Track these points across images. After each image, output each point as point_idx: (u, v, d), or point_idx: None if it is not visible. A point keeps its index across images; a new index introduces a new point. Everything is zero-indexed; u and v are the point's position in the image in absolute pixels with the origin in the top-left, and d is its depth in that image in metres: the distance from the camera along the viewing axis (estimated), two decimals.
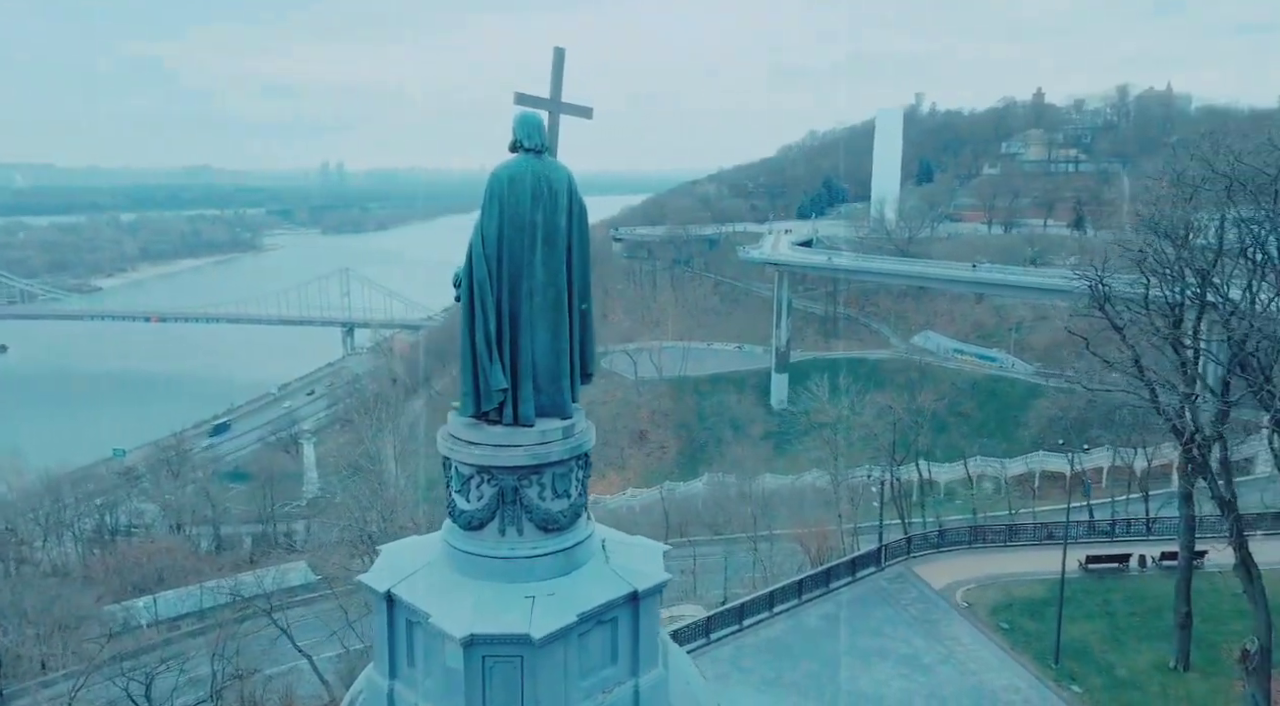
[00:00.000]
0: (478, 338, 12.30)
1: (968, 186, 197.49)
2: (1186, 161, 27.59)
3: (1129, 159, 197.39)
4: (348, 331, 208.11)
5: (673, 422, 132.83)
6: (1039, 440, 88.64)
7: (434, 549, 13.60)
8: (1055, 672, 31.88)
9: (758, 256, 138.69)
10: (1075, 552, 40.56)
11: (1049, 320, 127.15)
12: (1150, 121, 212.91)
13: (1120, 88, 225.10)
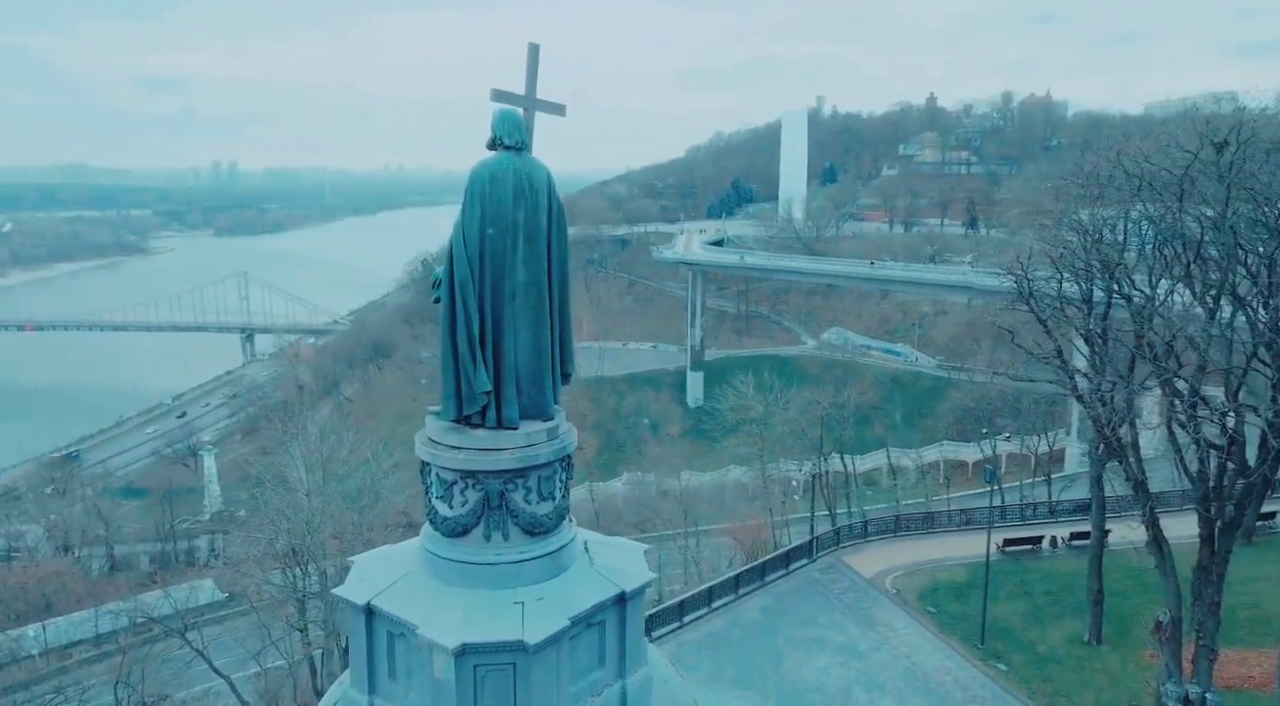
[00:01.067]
0: (459, 339, 11.99)
1: (869, 187, 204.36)
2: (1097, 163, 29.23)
3: (1015, 161, 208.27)
4: (247, 337, 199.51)
5: (591, 423, 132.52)
6: (952, 430, 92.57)
7: (410, 558, 13.21)
8: (982, 652, 33.31)
9: (671, 256, 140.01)
10: (992, 536, 42.56)
11: (949, 315, 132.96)
12: (1033, 126, 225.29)
13: (1005, 94, 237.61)
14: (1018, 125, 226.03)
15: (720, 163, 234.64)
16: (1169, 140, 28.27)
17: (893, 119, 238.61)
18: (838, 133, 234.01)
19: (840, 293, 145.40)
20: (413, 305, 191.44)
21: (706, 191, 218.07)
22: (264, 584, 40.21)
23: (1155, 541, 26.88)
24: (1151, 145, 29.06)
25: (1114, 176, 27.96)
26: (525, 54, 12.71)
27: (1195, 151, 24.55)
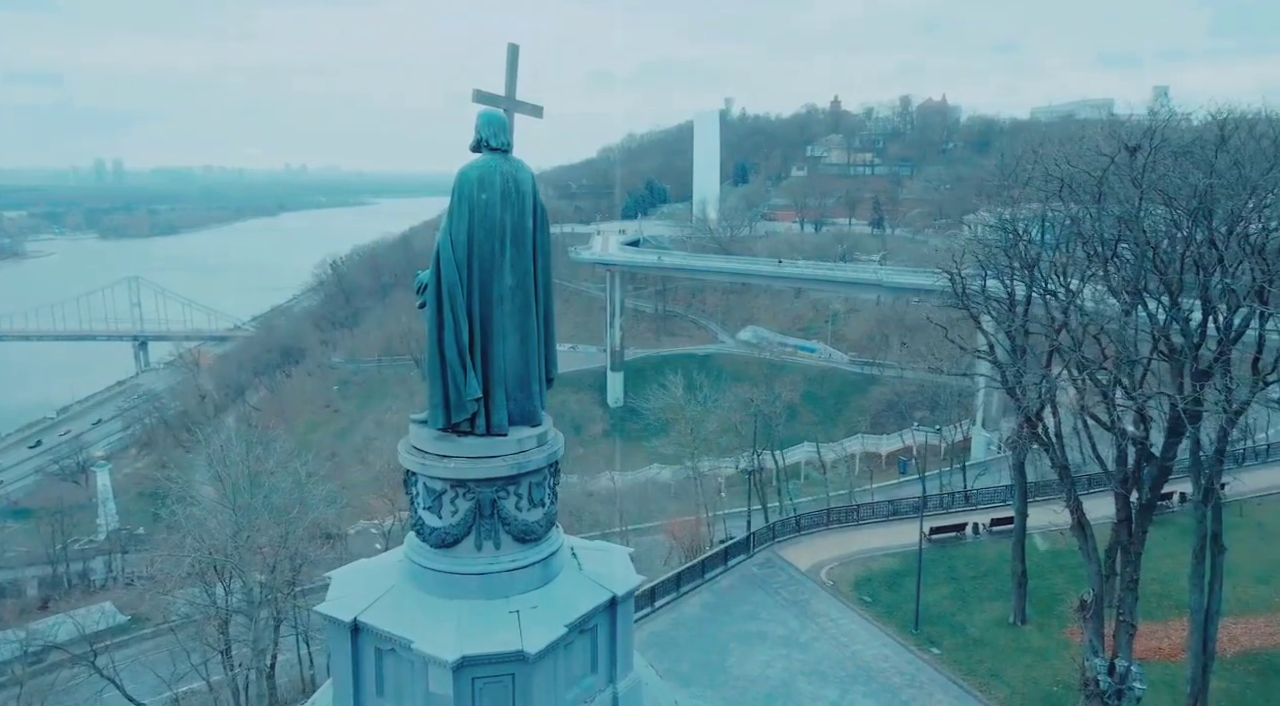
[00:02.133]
0: (448, 345, 11.72)
1: (779, 187, 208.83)
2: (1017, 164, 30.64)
3: (914, 163, 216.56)
4: (140, 345, 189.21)
5: None
6: (868, 423, 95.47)
7: (393, 571, 12.82)
8: (917, 638, 34.50)
9: (589, 257, 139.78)
10: (919, 525, 44.15)
11: (860, 312, 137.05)
12: (930, 129, 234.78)
13: (903, 98, 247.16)
14: (916, 128, 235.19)
15: (633, 163, 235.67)
16: (1089, 144, 29.92)
17: (799, 121, 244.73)
18: (747, 134, 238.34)
19: (755, 291, 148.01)
20: (322, 309, 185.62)
21: (621, 192, 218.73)
22: (181, 603, 38.28)
23: (1079, 524, 28.43)
24: (1072, 148, 30.71)
25: (1032, 177, 29.43)
26: (505, 55, 12.50)
27: (1112, 155, 26.15)
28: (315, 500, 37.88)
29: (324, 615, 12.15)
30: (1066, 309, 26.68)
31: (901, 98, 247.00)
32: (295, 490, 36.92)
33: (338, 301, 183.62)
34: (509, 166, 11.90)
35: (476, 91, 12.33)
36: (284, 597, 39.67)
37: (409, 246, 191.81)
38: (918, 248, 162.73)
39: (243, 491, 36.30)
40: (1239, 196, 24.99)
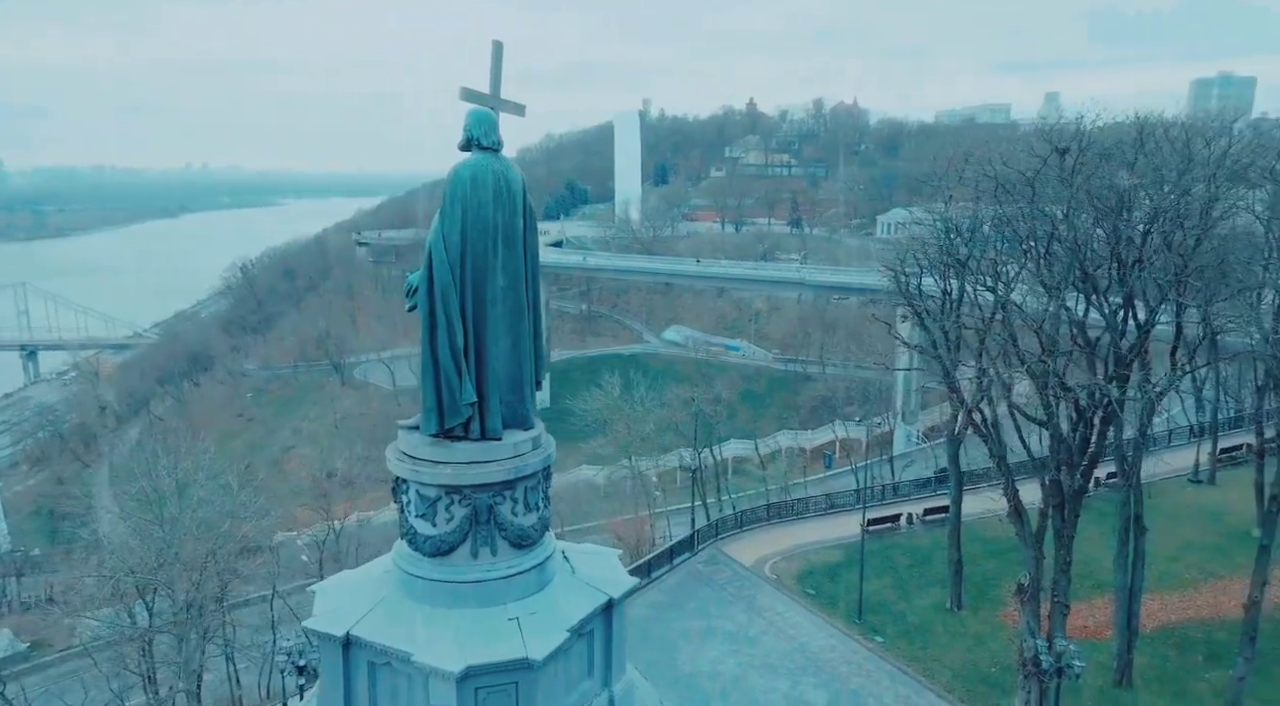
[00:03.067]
0: (441, 349, 11.41)
1: (699, 188, 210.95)
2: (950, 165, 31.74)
3: (829, 164, 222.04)
4: (29, 355, 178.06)
5: None
6: (794, 419, 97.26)
7: (381, 582, 12.42)
8: (861, 627, 35.34)
9: None
10: (856, 517, 45.25)
11: (782, 311, 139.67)
12: (843, 131, 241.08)
13: (816, 101, 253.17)
14: (829, 130, 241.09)
15: (553, 164, 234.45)
16: (1022, 145, 31.23)
17: (717, 122, 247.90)
18: (666, 135, 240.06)
19: (679, 291, 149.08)
20: (232, 314, 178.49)
21: (541, 192, 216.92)
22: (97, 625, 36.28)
23: (1015, 511, 29.64)
24: (1006, 149, 32.04)
25: (967, 177, 30.56)
26: (490, 53, 12.26)
27: (1044, 156, 27.43)
28: (249, 511, 36.38)
29: (313, 631, 11.70)
30: (1004, 304, 27.82)
31: (815, 100, 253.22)
32: (227, 502, 35.39)
33: (249, 306, 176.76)
34: (499, 166, 11.68)
35: (464, 89, 12.04)
36: (212, 614, 38.07)
37: (324, 248, 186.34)
38: (835, 247, 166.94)
39: (169, 504, 34.63)
40: (1156, 195, 26.51)
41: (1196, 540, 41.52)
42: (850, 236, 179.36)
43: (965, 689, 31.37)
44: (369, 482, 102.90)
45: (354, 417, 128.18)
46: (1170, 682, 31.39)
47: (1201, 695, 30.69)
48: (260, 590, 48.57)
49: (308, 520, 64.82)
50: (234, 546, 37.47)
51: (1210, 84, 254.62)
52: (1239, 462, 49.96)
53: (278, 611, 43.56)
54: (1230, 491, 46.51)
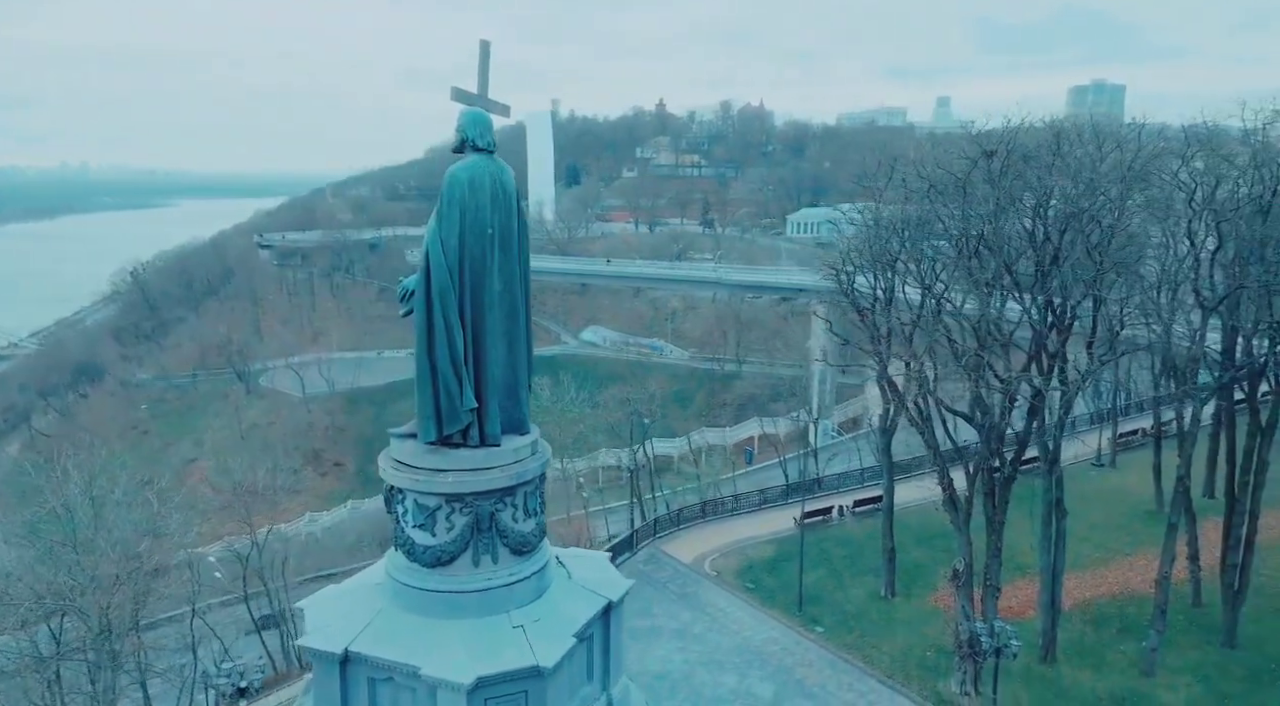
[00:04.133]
0: (439, 355, 11.17)
1: (611, 188, 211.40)
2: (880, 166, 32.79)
3: (738, 165, 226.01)
4: None
5: (350, 438, 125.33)
6: (711, 416, 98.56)
7: (373, 595, 12.06)
8: (801, 619, 36.13)
9: None
10: (789, 511, 46.25)
11: (698, 310, 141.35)
12: (750, 132, 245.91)
13: (723, 103, 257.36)
14: (737, 132, 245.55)
15: None
16: (953, 148, 32.55)
17: (627, 123, 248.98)
18: (576, 135, 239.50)
19: (595, 292, 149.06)
20: (122, 321, 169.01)
21: None
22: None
23: (950, 500, 30.88)
24: (940, 152, 33.33)
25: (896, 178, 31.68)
26: (477, 51, 12.06)
27: (974, 159, 28.69)
28: (171, 528, 34.58)
29: (308, 648, 11.28)
30: (940, 301, 28.99)
31: (722, 102, 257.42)
32: (145, 519, 33.55)
33: (141, 312, 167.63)
34: (495, 168, 11.53)
35: (455, 89, 11.83)
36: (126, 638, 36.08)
37: (223, 251, 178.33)
38: (747, 246, 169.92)
39: (84, 526, 32.65)
40: (1072, 197, 28.10)
41: (1103, 521, 44.04)
42: (761, 236, 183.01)
43: (904, 673, 32.46)
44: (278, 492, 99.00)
45: (261, 427, 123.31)
46: (1089, 656, 33.24)
47: (1118, 666, 32.59)
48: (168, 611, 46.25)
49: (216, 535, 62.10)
50: (150, 565, 35.65)
51: (1086, 90, 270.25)
52: (1135, 446, 53.34)
53: (195, 631, 41.64)
54: (1129, 474, 49.58)
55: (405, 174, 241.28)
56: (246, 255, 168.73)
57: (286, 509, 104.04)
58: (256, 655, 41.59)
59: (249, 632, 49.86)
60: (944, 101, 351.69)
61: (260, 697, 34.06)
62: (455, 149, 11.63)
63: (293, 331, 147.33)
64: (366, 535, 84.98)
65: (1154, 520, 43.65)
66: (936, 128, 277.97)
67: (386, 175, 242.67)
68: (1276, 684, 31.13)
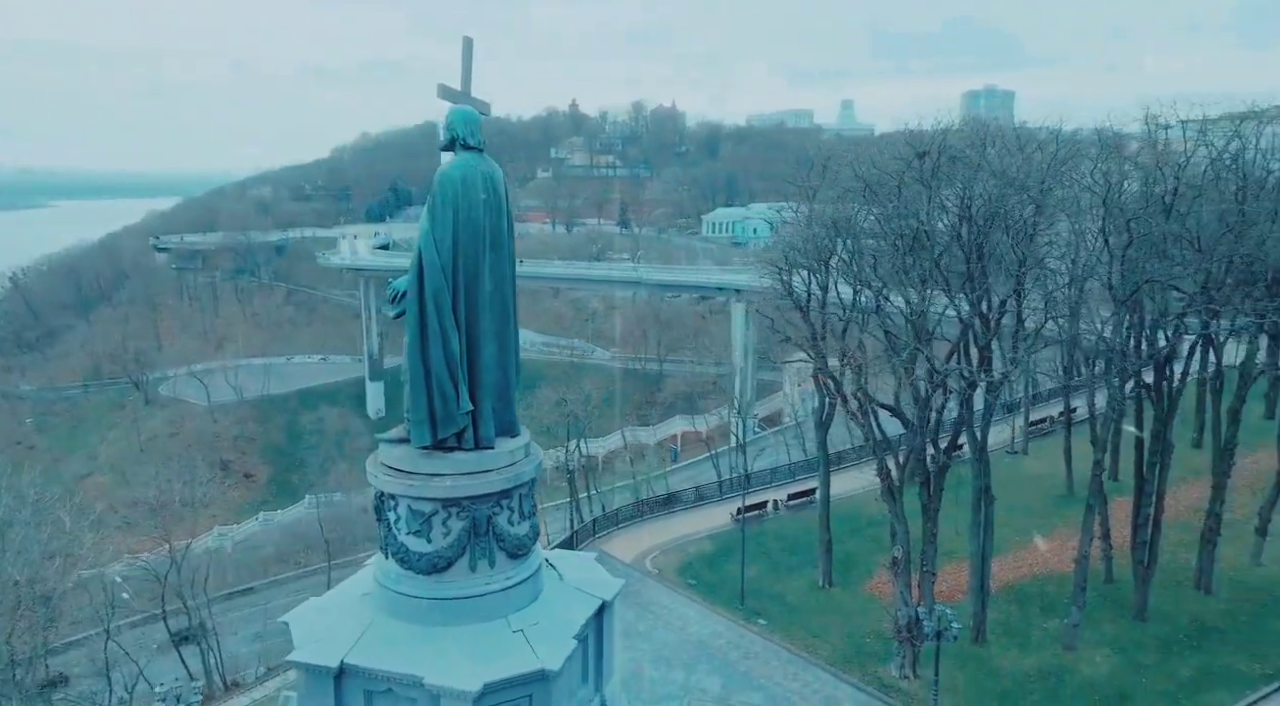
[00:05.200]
0: (433, 357, 10.91)
1: (526, 189, 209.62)
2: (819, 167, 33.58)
3: (652, 165, 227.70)
4: None
5: (261, 447, 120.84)
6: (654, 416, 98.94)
7: (362, 605, 11.69)
8: (744, 612, 36.70)
9: (340, 262, 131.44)
10: (725, 507, 46.92)
11: (618, 309, 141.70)
12: (664, 133, 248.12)
13: (636, 103, 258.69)
14: (651, 132, 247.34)
15: (373, 164, 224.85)
16: (889, 150, 33.56)
17: (541, 123, 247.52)
18: (489, 135, 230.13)
19: None
20: (1, 329, 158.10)
21: (363, 193, 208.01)
22: None
23: (889, 490, 31.89)
24: (877, 152, 34.32)
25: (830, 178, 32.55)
26: (461, 50, 11.83)
27: (908, 160, 29.74)
28: (85, 547, 32.63)
29: (299, 663, 10.85)
30: (878, 297, 29.92)
31: (634, 103, 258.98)
32: (58, 540, 31.58)
33: (23, 320, 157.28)
34: (486, 166, 11.37)
35: (441, 87, 11.59)
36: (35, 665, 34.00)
37: (114, 254, 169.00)
38: (664, 246, 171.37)
39: None
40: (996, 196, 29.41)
41: (1020, 505, 46.16)
42: (678, 235, 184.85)
43: (846, 660, 33.37)
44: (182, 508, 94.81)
45: (163, 439, 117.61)
46: (1016, 635, 34.87)
47: (1043, 643, 34.29)
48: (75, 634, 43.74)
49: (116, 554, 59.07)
50: (63, 587, 33.69)
51: (978, 96, 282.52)
52: (1044, 434, 56.16)
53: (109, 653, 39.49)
54: (1041, 460, 52.16)
55: (311, 173, 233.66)
56: (141, 258, 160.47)
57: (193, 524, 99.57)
58: (174, 676, 39.76)
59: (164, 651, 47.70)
60: (848, 104, 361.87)
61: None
62: (443, 147, 11.41)
63: (195, 338, 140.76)
64: (284, 547, 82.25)
65: (1066, 503, 46.15)
66: (843, 129, 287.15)
67: (291, 175, 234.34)
68: (1185, 652, 33.27)
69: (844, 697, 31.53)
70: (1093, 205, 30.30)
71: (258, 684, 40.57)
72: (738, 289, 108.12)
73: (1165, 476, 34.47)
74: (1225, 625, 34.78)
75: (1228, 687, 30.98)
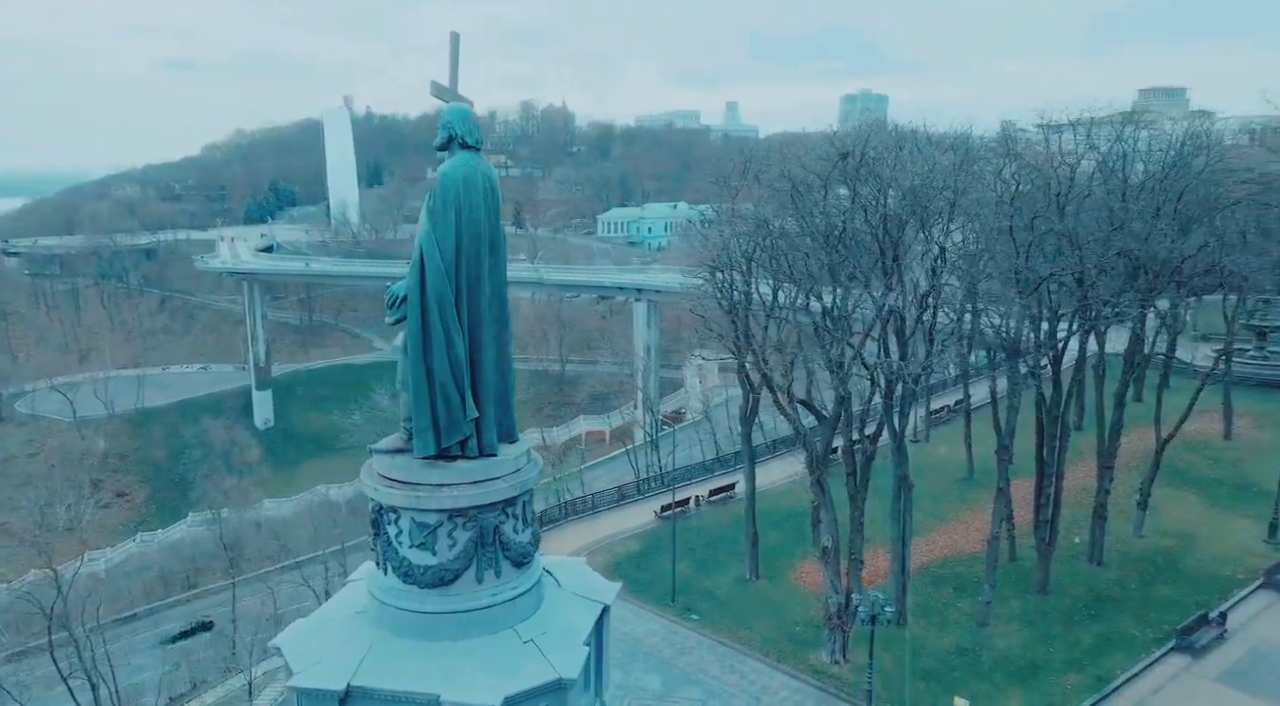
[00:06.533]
0: (437, 363, 10.51)
1: (418, 189, 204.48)
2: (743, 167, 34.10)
3: (544, 165, 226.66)
4: None
5: (136, 464, 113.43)
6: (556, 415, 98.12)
7: (359, 624, 11.18)
8: (675, 609, 36.99)
9: (221, 266, 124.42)
10: (647, 506, 47.15)
11: (517, 310, 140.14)
12: (555, 133, 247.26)
13: (525, 103, 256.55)
14: (542, 132, 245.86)
15: (250, 163, 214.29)
16: (813, 151, 34.40)
17: (430, 121, 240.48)
18: (376, 134, 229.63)
19: None
20: None
21: (240, 193, 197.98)
22: None
23: (818, 483, 32.76)
24: (803, 152, 35.13)
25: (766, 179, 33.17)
26: (448, 45, 11.40)
27: (834, 160, 30.62)
28: None
29: (301, 689, 10.25)
30: (807, 295, 30.71)
31: (523, 103, 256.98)
32: None
33: None
34: (483, 166, 11.04)
35: (434, 83, 11.17)
36: None
37: None
38: (561, 246, 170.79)
39: None
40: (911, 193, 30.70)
41: (926, 491, 48.19)
42: (574, 236, 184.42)
43: (778, 650, 34.09)
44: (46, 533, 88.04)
45: (21, 459, 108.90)
46: (933, 615, 36.49)
47: (959, 621, 36.03)
48: None
49: None
50: None
51: (855, 99, 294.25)
52: (943, 422, 59.00)
53: None
54: (942, 447, 54.71)
55: (181, 172, 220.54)
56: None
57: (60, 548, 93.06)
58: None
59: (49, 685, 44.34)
60: (733, 105, 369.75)
61: None
62: (439, 146, 11.00)
63: (55, 349, 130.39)
64: (169, 569, 77.42)
65: (967, 487, 48.64)
66: (730, 130, 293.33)
67: (158, 173, 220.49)
68: (1086, 621, 35.63)
69: (779, 686, 32.23)
70: (998, 204, 32.02)
71: None
72: (639, 289, 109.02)
73: (1064, 458, 36.77)
74: (1118, 594, 37.43)
75: (1125, 651, 33.34)
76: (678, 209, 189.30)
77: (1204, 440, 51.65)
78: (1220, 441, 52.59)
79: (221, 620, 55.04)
